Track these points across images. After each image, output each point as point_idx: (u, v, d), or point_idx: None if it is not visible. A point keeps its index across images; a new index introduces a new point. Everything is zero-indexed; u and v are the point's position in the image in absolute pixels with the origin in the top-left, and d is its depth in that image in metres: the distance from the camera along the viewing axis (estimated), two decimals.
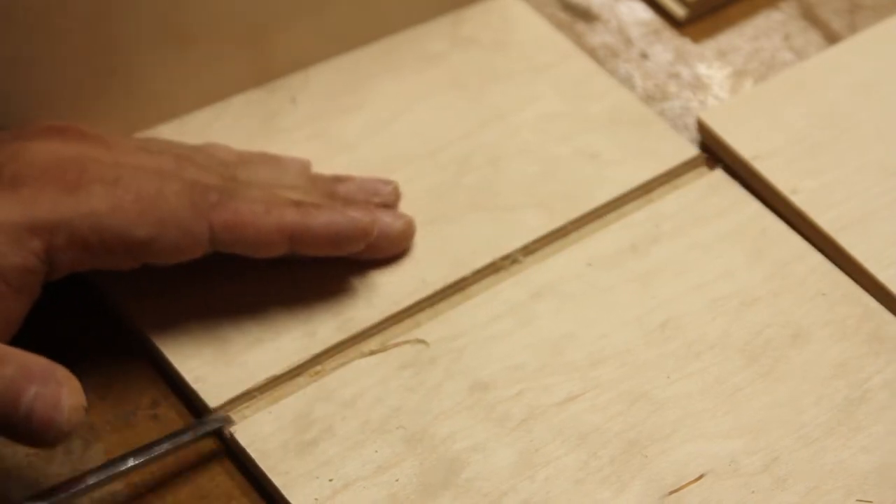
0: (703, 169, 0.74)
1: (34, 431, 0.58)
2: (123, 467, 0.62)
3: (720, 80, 0.79)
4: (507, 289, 0.69)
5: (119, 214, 0.63)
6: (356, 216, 0.67)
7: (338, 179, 0.71)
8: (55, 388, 0.58)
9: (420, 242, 0.70)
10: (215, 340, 0.67)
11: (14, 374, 0.58)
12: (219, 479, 0.64)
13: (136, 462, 0.63)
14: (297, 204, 0.66)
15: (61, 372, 0.59)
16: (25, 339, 0.64)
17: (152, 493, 0.64)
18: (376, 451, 0.64)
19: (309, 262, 0.69)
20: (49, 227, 0.62)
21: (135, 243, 0.64)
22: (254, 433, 0.64)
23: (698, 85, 0.79)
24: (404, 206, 0.72)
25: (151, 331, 0.67)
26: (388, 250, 0.69)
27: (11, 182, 0.63)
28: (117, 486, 0.63)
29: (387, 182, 0.71)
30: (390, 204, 0.71)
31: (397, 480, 0.63)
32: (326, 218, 0.66)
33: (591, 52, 0.80)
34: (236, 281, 0.68)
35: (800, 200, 0.72)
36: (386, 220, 0.69)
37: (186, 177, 0.66)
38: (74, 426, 0.59)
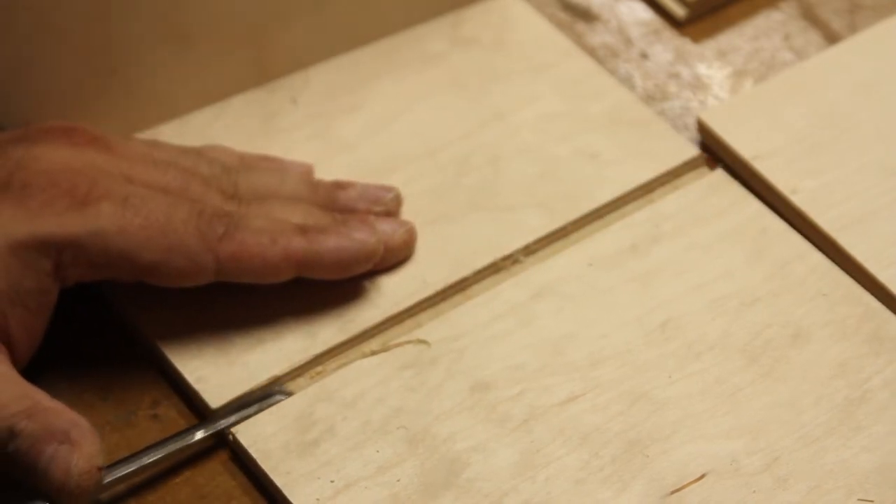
0: (704, 169, 0.74)
1: (51, 491, 0.59)
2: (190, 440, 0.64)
3: (720, 80, 0.79)
4: (507, 289, 0.69)
5: (126, 237, 0.63)
6: (362, 238, 0.67)
7: (339, 186, 0.71)
8: (68, 452, 0.59)
9: (421, 243, 0.70)
10: (217, 341, 0.67)
11: (36, 432, 0.59)
12: (219, 479, 0.64)
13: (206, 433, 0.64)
14: (303, 230, 0.66)
15: (78, 431, 0.60)
16: None
17: (152, 493, 0.64)
18: (377, 452, 0.64)
19: None
20: (57, 245, 0.62)
21: (141, 266, 0.64)
22: (255, 433, 0.64)
23: (698, 85, 0.79)
24: (405, 207, 0.72)
25: (153, 331, 0.67)
26: (390, 261, 0.69)
27: (21, 192, 0.63)
28: (117, 486, 0.63)
29: (388, 189, 0.71)
30: (392, 211, 0.71)
31: (399, 481, 0.63)
32: (334, 244, 0.66)
33: (591, 52, 0.80)
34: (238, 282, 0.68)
35: (800, 200, 0.72)
36: (387, 230, 0.69)
37: (193, 196, 0.66)
38: (86, 490, 0.60)
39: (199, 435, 0.64)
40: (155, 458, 0.63)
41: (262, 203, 0.68)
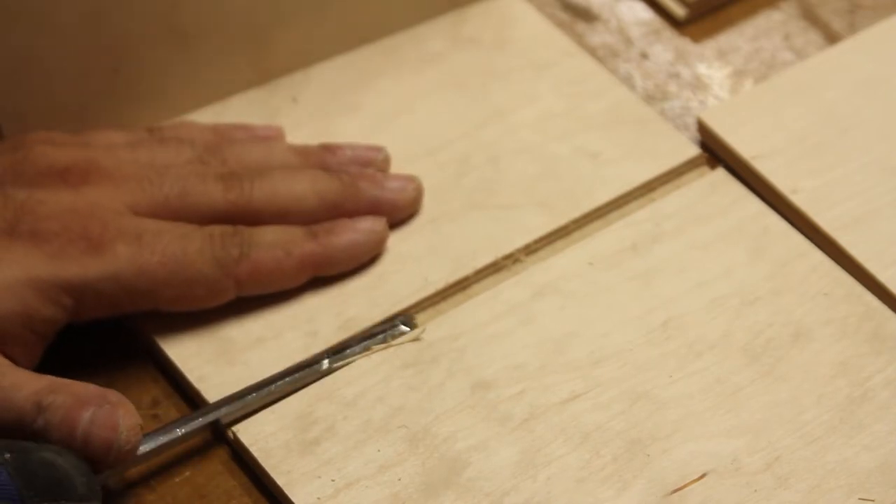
0: (705, 168, 0.74)
1: (94, 455, 0.59)
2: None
3: (720, 80, 0.79)
4: (508, 288, 0.69)
5: (146, 276, 0.64)
6: (369, 227, 0.68)
7: (328, 149, 0.72)
8: (110, 410, 0.59)
9: (421, 242, 0.71)
10: (217, 339, 0.67)
11: (68, 402, 0.59)
12: (219, 479, 0.64)
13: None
14: (313, 234, 0.68)
15: (114, 395, 0.60)
16: None
17: (152, 493, 0.64)
18: (378, 451, 0.64)
19: None
20: (80, 288, 0.63)
21: (162, 301, 0.65)
22: (256, 432, 0.64)
23: (698, 85, 0.79)
24: None
25: (153, 329, 0.67)
26: (400, 218, 0.71)
27: (32, 237, 0.63)
28: (117, 486, 0.63)
29: (378, 149, 0.72)
30: (383, 171, 0.72)
31: (399, 480, 0.63)
32: (345, 241, 0.68)
33: (592, 52, 0.80)
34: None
35: (800, 200, 0.72)
36: (396, 187, 0.70)
37: (195, 198, 0.67)
38: (134, 446, 0.60)
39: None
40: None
41: (264, 178, 0.68)
